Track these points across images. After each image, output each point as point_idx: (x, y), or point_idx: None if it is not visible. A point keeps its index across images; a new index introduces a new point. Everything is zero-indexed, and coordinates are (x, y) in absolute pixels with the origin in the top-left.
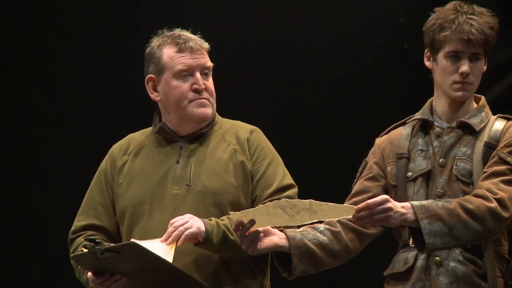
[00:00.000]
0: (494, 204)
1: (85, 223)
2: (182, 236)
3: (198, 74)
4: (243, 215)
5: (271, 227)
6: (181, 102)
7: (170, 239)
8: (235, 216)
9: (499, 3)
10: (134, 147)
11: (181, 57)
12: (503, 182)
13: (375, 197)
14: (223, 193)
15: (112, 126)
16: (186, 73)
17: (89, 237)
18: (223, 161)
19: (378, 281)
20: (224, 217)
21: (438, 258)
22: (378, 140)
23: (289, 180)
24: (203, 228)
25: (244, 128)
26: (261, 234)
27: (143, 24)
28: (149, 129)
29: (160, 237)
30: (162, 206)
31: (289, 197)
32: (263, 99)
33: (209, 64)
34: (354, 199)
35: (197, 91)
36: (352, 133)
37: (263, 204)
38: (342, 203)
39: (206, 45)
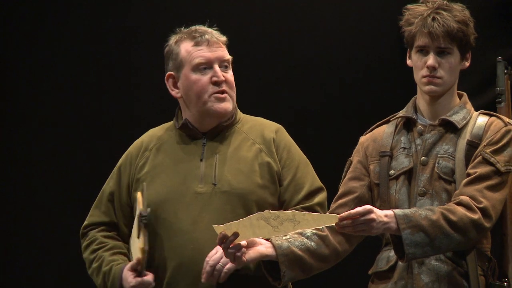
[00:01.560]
0: (477, 216)
1: (98, 219)
2: (222, 275)
3: (216, 67)
4: (226, 228)
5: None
6: (201, 96)
7: (213, 279)
8: (218, 229)
9: (498, 3)
10: (155, 142)
11: (198, 50)
12: (488, 188)
13: (361, 197)
14: (249, 193)
15: (126, 124)
16: (204, 66)
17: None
18: (248, 160)
19: (363, 280)
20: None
21: None
22: (362, 139)
23: (318, 182)
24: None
25: (269, 127)
26: (245, 247)
27: (146, 24)
28: (169, 124)
29: (186, 236)
30: (187, 205)
31: (319, 203)
32: (263, 99)
33: (228, 56)
34: (339, 201)
35: (217, 84)
36: (351, 133)
37: (294, 208)
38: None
39: (223, 38)
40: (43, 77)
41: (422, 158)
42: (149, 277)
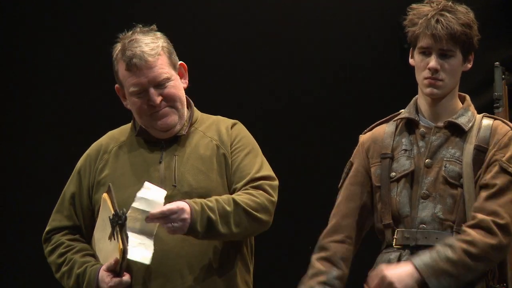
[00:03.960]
0: (497, 240)
1: (61, 224)
2: (166, 230)
3: (151, 90)
4: None
5: None
6: (142, 117)
7: (157, 221)
8: None
9: (499, 3)
10: (114, 145)
11: (130, 76)
12: (511, 201)
13: (363, 206)
14: (209, 192)
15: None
16: (140, 91)
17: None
18: (206, 159)
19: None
20: (212, 199)
21: None
22: (362, 138)
23: (266, 171)
24: (186, 226)
25: (225, 123)
26: None
27: (139, 21)
28: (128, 126)
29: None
30: None
31: (258, 186)
32: (263, 99)
33: (163, 76)
34: (341, 210)
35: (153, 107)
36: (351, 133)
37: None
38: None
39: (153, 56)
40: (41, 77)
41: (427, 160)
42: (126, 277)
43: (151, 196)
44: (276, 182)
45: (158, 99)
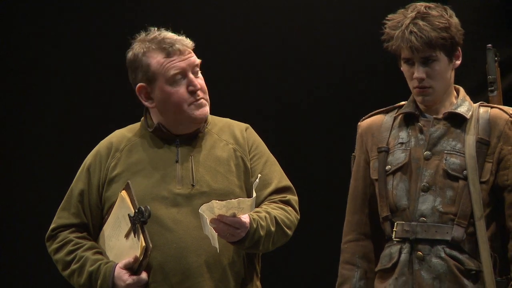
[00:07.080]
0: None
1: (68, 221)
2: (224, 238)
3: (191, 75)
4: None
5: None
6: (181, 106)
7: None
8: None
9: (498, 3)
10: (126, 143)
11: (171, 61)
12: None
13: (371, 197)
14: (228, 194)
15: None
16: (180, 77)
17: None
18: (223, 161)
19: None
20: (264, 213)
21: (420, 253)
22: (360, 128)
23: (287, 181)
24: (236, 240)
25: (238, 126)
26: None
27: (141, 23)
28: (137, 125)
29: (168, 235)
30: (166, 206)
31: (286, 200)
32: (263, 99)
33: (198, 61)
34: (350, 207)
35: (194, 92)
36: (350, 134)
37: (263, 204)
38: (342, 201)
39: (190, 43)
40: (39, 77)
41: (426, 152)
42: (144, 275)
43: (245, 207)
44: (297, 197)
45: (198, 84)
